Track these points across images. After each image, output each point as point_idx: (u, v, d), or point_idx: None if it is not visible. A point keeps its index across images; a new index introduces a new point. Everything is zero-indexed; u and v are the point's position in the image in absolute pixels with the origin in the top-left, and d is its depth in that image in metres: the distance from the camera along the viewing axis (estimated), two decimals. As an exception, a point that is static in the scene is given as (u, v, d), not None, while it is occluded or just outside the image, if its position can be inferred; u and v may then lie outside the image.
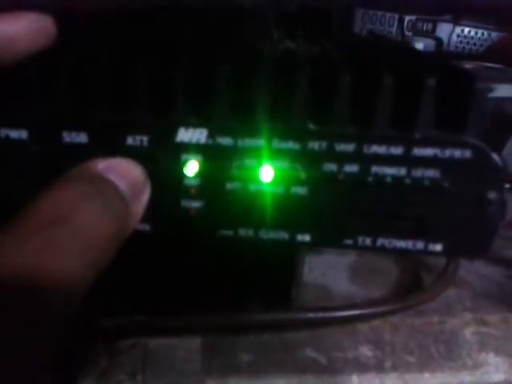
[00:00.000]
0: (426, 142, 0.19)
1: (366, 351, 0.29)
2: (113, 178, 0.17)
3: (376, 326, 0.31)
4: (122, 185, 0.17)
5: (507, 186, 0.35)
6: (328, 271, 0.35)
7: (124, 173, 0.17)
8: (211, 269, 0.28)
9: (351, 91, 0.19)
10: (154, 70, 0.19)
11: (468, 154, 0.19)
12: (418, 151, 0.19)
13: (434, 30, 0.58)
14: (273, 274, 0.29)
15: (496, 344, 0.30)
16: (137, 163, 0.18)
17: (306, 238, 0.21)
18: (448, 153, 0.19)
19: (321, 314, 0.29)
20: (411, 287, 0.34)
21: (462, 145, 0.19)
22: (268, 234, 0.21)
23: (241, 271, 0.28)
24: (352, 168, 0.20)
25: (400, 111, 0.19)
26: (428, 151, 0.19)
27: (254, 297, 0.30)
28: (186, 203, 0.20)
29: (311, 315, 0.29)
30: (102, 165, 0.17)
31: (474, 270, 0.36)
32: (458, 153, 0.19)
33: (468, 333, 0.31)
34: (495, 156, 0.19)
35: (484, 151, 0.19)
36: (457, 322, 0.32)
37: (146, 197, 0.18)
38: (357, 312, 0.30)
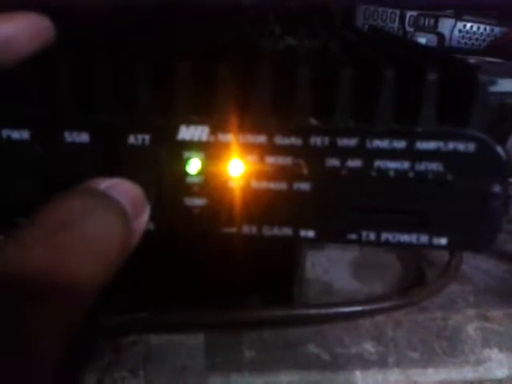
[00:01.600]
0: (428, 136, 0.19)
1: (368, 347, 0.29)
2: (115, 195, 0.17)
3: (379, 322, 0.30)
4: (125, 202, 0.17)
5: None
6: (331, 267, 0.35)
7: (125, 191, 0.17)
8: (213, 265, 0.28)
9: (352, 86, 0.19)
10: (155, 68, 0.19)
11: (471, 146, 0.19)
12: (421, 145, 0.19)
13: (435, 25, 0.57)
14: (275, 270, 0.29)
15: (499, 340, 0.30)
16: (136, 184, 0.18)
17: (310, 233, 0.21)
18: (451, 146, 0.19)
19: (323, 311, 0.29)
20: (414, 283, 0.34)
21: (466, 138, 0.19)
22: (271, 231, 0.21)
23: (243, 268, 0.28)
24: (355, 163, 0.20)
25: (402, 105, 0.19)
26: (431, 145, 0.19)
27: (256, 293, 0.30)
28: (188, 201, 0.20)
29: (313, 311, 0.29)
30: (104, 184, 0.17)
31: (477, 266, 0.36)
32: (461, 146, 0.19)
33: (471, 328, 0.31)
34: (499, 148, 0.19)
35: (488, 144, 0.19)
36: (460, 317, 0.31)
37: (145, 217, 0.18)
38: (359, 308, 0.29)
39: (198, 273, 0.29)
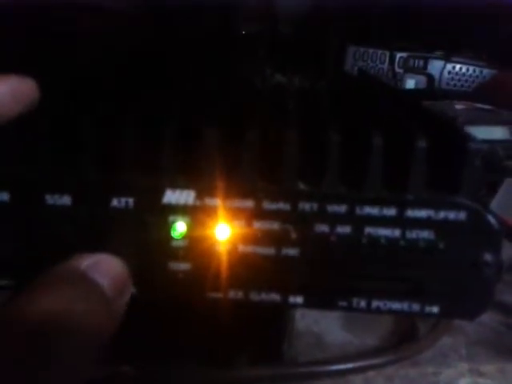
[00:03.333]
0: (419, 204, 0.19)
1: (359, 406, 0.29)
2: (97, 277, 0.17)
3: (370, 378, 0.30)
4: (106, 284, 0.17)
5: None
6: (321, 318, 0.35)
7: (108, 271, 0.17)
8: (200, 321, 0.27)
9: (342, 152, 0.19)
10: (141, 130, 0.19)
11: (462, 215, 0.19)
12: (412, 212, 0.19)
13: (425, 66, 0.58)
14: (264, 327, 0.29)
15: (493, 396, 0.30)
16: (120, 260, 0.18)
17: (299, 300, 0.20)
18: (442, 214, 0.19)
19: (313, 368, 0.28)
20: (406, 334, 0.34)
21: (456, 206, 0.19)
22: (259, 296, 0.20)
23: (231, 324, 0.27)
24: (344, 229, 0.19)
25: (392, 172, 0.19)
26: (422, 213, 0.19)
27: (244, 350, 0.29)
28: (173, 265, 0.20)
29: (303, 369, 0.28)
30: (87, 262, 0.17)
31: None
32: (452, 214, 0.19)
33: (464, 384, 0.30)
34: (490, 217, 0.19)
35: (479, 213, 0.19)
36: (452, 372, 0.31)
37: (128, 294, 0.18)
38: (350, 365, 0.29)
39: (185, 329, 0.28)
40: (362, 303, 0.20)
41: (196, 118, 0.20)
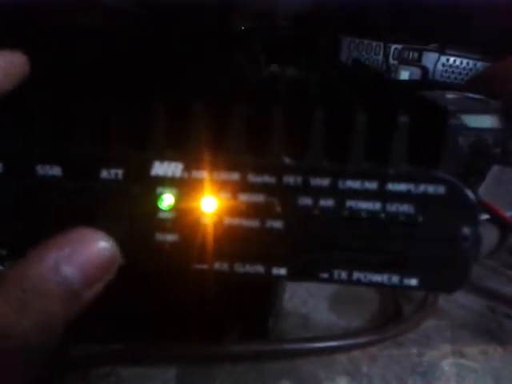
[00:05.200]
0: (399, 178, 0.19)
1: (343, 383, 0.29)
2: (68, 271, 0.16)
3: (354, 357, 0.30)
4: (76, 277, 0.17)
5: (487, 216, 0.35)
6: (309, 299, 0.35)
7: (82, 261, 0.17)
8: (187, 297, 0.28)
9: (326, 127, 0.19)
10: (130, 102, 0.19)
11: (441, 189, 0.19)
12: (392, 186, 0.19)
13: (419, 58, 0.59)
14: (251, 303, 0.29)
15: (474, 377, 0.30)
16: (105, 238, 0.18)
17: (282, 271, 0.21)
18: (421, 188, 0.19)
19: (298, 345, 0.29)
20: (392, 316, 0.34)
21: (435, 181, 0.19)
22: (243, 268, 0.21)
23: (217, 300, 0.28)
24: (327, 202, 0.20)
25: (374, 147, 0.19)
26: (402, 186, 0.19)
27: (230, 326, 0.29)
28: (160, 236, 0.20)
29: (288, 346, 0.29)
30: (63, 253, 0.17)
31: (455, 300, 0.36)
32: (431, 188, 0.19)
33: (446, 365, 0.31)
34: (469, 192, 0.19)
35: (457, 187, 0.19)
36: (435, 353, 0.31)
37: (107, 276, 0.18)
38: (334, 343, 0.29)
39: (172, 305, 0.29)
40: (343, 275, 0.20)
41: (184, 93, 0.21)
